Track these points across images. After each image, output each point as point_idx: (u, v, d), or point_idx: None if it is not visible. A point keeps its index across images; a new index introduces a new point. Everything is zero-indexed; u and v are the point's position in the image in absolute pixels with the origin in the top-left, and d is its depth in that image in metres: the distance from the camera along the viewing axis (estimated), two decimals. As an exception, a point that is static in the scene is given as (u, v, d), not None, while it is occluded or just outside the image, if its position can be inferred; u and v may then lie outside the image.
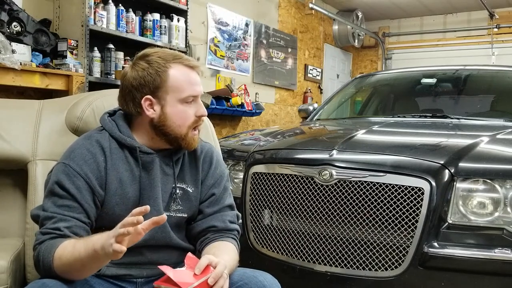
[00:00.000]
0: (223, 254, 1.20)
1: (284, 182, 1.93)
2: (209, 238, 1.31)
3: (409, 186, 1.70)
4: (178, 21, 3.86)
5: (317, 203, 1.83)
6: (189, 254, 1.15)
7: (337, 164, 1.82)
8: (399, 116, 2.80)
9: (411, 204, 1.68)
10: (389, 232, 1.71)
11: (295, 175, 1.90)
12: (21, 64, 2.61)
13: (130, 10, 3.45)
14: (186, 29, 3.93)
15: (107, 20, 3.26)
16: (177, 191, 1.31)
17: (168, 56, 1.26)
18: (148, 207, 1.00)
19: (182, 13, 3.92)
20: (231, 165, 2.19)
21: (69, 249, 1.07)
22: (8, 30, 2.70)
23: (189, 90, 1.25)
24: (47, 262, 1.09)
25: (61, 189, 1.17)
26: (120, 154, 1.26)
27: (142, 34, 3.57)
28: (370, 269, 1.72)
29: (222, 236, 1.31)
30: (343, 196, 1.78)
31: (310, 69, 6.74)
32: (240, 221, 1.88)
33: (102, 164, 1.23)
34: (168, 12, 3.82)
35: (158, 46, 3.45)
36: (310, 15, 6.48)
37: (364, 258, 1.73)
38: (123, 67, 3.36)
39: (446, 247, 1.65)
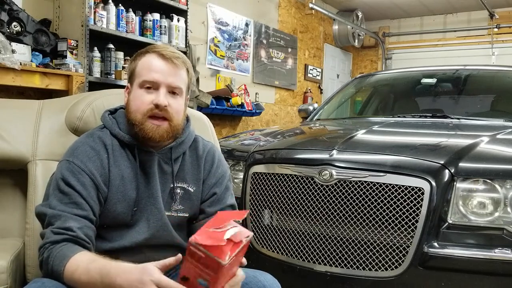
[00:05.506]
0: None
1: (284, 182, 1.92)
2: None
3: (409, 186, 1.69)
4: (178, 21, 3.86)
5: (317, 203, 1.82)
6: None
7: (337, 164, 1.82)
8: (399, 116, 2.79)
9: (411, 204, 1.68)
10: (389, 232, 1.71)
11: (295, 175, 1.90)
12: (21, 64, 2.61)
13: (130, 10, 3.45)
14: (186, 29, 3.93)
15: (107, 20, 3.26)
16: (178, 191, 1.30)
17: (151, 47, 1.28)
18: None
19: (182, 13, 3.92)
20: (231, 165, 2.19)
21: (81, 268, 1.03)
22: (8, 30, 2.70)
23: (145, 75, 1.23)
24: (57, 271, 1.06)
25: (67, 186, 1.17)
26: (122, 152, 1.26)
27: (142, 34, 3.57)
28: (370, 269, 1.72)
29: None
30: (343, 196, 1.77)
31: (310, 69, 6.74)
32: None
33: (105, 161, 1.23)
34: (168, 12, 3.82)
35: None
36: (310, 15, 6.48)
37: (364, 258, 1.73)
38: (123, 67, 3.36)
39: (446, 247, 1.64)
